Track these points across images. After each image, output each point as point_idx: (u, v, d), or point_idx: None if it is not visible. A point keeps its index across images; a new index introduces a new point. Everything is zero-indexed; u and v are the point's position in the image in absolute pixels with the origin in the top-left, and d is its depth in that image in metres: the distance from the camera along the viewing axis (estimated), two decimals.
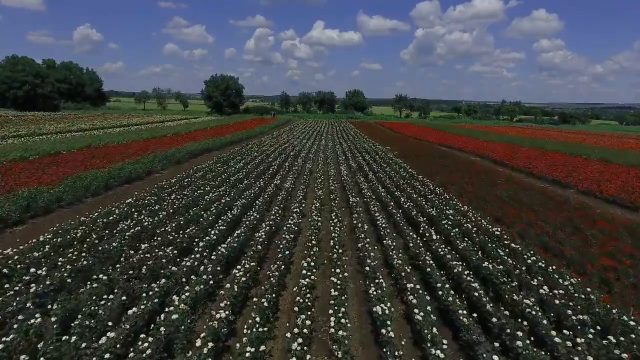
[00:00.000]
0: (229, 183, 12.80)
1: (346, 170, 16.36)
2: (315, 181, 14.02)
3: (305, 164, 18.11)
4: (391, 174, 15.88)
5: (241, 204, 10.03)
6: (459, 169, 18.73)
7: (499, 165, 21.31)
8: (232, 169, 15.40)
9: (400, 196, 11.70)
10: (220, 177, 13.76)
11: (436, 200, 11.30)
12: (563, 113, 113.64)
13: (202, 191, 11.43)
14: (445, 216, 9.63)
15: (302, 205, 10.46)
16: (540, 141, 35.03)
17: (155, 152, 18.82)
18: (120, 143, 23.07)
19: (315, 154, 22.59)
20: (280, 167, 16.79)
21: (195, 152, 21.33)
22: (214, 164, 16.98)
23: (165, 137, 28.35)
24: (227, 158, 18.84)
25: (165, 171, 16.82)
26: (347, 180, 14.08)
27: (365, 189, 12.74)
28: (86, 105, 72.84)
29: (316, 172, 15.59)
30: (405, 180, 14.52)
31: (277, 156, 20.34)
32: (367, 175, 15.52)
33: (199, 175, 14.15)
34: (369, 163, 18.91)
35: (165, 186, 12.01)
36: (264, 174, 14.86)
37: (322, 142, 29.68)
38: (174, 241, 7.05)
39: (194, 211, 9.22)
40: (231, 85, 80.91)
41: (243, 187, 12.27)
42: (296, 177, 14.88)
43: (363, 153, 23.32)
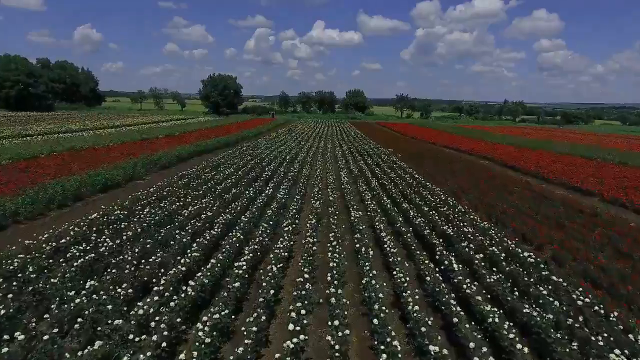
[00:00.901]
0: (214, 193, 11.35)
1: (347, 177, 14.92)
2: (312, 189, 12.57)
3: (302, 169, 16.67)
4: (396, 180, 14.44)
5: (224, 220, 8.58)
6: (469, 174, 17.29)
7: (510, 169, 19.87)
8: (221, 176, 13.96)
9: (409, 209, 10.25)
10: (207, 185, 12.31)
11: (450, 214, 9.85)
12: (566, 113, 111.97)
13: (182, 203, 9.99)
14: (464, 235, 8.18)
15: (296, 221, 9.02)
16: (549, 143, 33.57)
17: (141, 155, 17.41)
18: (106, 145, 21.65)
19: (313, 157, 21.15)
20: (274, 173, 15.35)
21: (185, 156, 19.89)
22: (203, 169, 15.54)
23: (156, 139, 26.96)
24: (218, 162, 17.39)
25: (149, 177, 15.38)
26: (348, 189, 12.62)
27: (368, 199, 11.30)
28: (81, 105, 71.40)
29: (314, 179, 14.16)
30: (412, 189, 13.07)
31: (272, 160, 18.89)
32: (369, 183, 14.07)
33: (182, 183, 12.70)
34: (371, 167, 17.47)
35: (142, 197, 10.56)
36: (256, 182, 13.42)
37: (321, 144, 28.24)
38: (129, 276, 5.60)
39: (167, 230, 7.78)
40: (229, 84, 79.36)
41: (230, 198, 10.81)
42: (291, 185, 13.44)
43: (364, 156, 21.90)
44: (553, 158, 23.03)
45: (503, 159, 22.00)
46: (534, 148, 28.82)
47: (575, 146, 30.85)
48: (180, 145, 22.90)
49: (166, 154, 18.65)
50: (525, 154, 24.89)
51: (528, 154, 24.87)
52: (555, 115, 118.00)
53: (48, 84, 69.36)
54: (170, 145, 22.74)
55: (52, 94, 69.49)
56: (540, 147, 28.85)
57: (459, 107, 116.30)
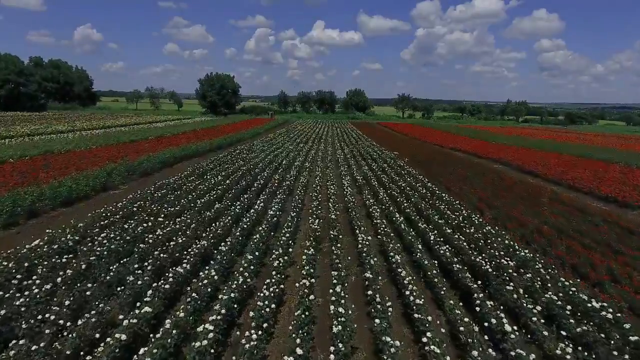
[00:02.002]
0: (194, 208, 9.55)
1: (350, 186, 13.12)
2: (310, 203, 10.79)
3: (300, 176, 14.87)
4: (407, 190, 12.65)
5: (199, 249, 6.79)
6: (485, 181, 15.49)
7: (528, 175, 18.07)
8: (206, 185, 12.15)
9: (427, 229, 8.45)
10: (187, 197, 10.51)
11: (479, 237, 8.05)
12: (570, 113, 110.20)
13: (152, 224, 8.19)
14: (502, 269, 6.39)
15: (290, 249, 7.22)
16: (563, 144, 31.78)
17: (121, 161, 15.61)
18: (87, 148, 19.86)
19: (312, 162, 19.33)
20: (267, 182, 13.56)
21: (171, 161, 18.05)
22: (187, 177, 13.74)
23: (145, 141, 25.20)
24: (206, 169, 15.58)
25: (125, 186, 13.58)
26: (352, 202, 10.82)
27: (377, 215, 9.50)
28: (75, 105, 69.51)
29: (313, 189, 12.38)
30: (426, 201, 11.27)
31: (267, 165, 17.09)
32: (376, 193, 12.27)
33: (159, 195, 10.90)
34: (377, 174, 15.67)
35: (105, 214, 8.76)
36: (246, 193, 11.62)
37: (321, 147, 26.42)
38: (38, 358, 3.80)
39: (121, 266, 5.99)
40: (227, 84, 77.38)
41: (211, 216, 9.02)
42: (287, 196, 11.65)
43: (368, 160, 20.09)
44: (571, 161, 21.25)
45: (519, 163, 20.19)
46: (547, 150, 27.10)
47: (589, 148, 29.07)
48: (169, 148, 21.08)
49: (150, 158, 16.82)
50: (541, 157, 23.11)
51: (544, 157, 23.08)
52: (557, 115, 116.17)
53: (41, 83, 67.55)
54: (158, 148, 20.95)
55: (44, 93, 67.65)
56: (553, 150, 27.09)
57: (461, 107, 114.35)
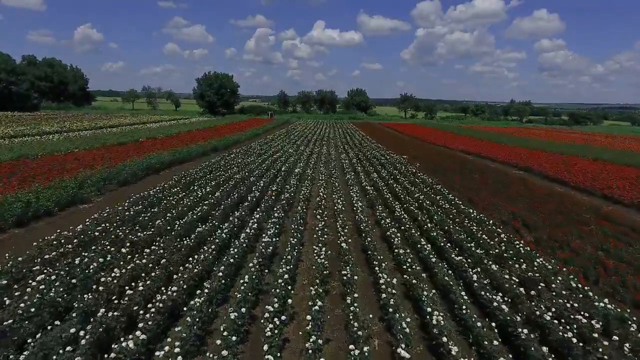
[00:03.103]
0: (170, 233, 7.69)
1: (360, 199, 11.23)
2: (314, 222, 8.95)
3: (301, 186, 13.02)
4: (425, 203, 10.79)
5: (164, 304, 4.94)
6: (510, 191, 13.63)
7: (557, 184, 16.23)
8: (191, 199, 10.28)
9: (465, 264, 6.59)
10: (165, 216, 8.65)
11: (535, 274, 6.19)
12: (574, 113, 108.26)
13: (110, 257, 6.33)
14: (586, 341, 4.55)
15: (288, 297, 5.35)
16: (581, 147, 29.91)
17: (101, 167, 13.78)
18: (68, 152, 18.03)
19: (315, 168, 17.45)
20: (263, 194, 11.71)
21: (157, 167, 16.16)
22: (170, 188, 11.86)
23: (134, 143, 23.41)
24: (195, 177, 13.71)
25: (100, 199, 11.73)
26: (365, 222, 8.95)
27: (396, 242, 7.64)
28: (69, 105, 67.61)
29: (316, 203, 10.54)
30: (452, 218, 9.41)
31: (265, 172, 15.25)
32: (392, 209, 10.42)
33: (132, 212, 9.02)
34: (389, 183, 13.81)
35: (55, 243, 6.91)
36: (237, 209, 9.77)
37: (324, 150, 24.54)
38: None
39: (41, 342, 4.13)
40: (225, 83, 75.36)
41: (190, 245, 7.15)
42: (285, 213, 9.80)
43: (376, 165, 18.23)
44: (596, 166, 19.40)
45: (543, 170, 18.32)
46: (564, 153, 25.25)
47: (608, 151, 27.21)
48: (158, 151, 19.23)
49: (133, 164, 14.97)
50: (564, 161, 21.28)
51: (566, 161, 21.24)
52: (559, 115, 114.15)
53: (34, 83, 65.68)
54: (146, 152, 19.14)
55: (38, 92, 65.77)
56: (574, 153, 25.23)
57: (464, 107, 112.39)
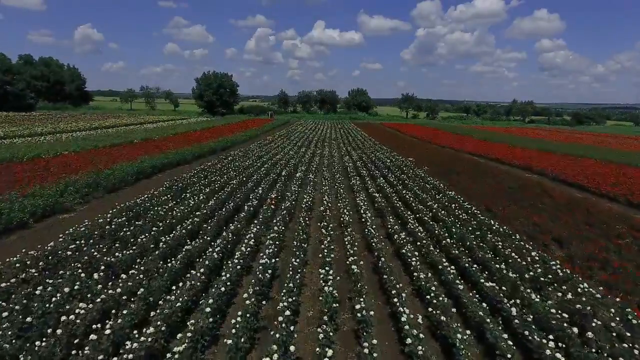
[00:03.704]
0: (152, 253, 6.65)
1: (368, 207, 10.19)
2: (318, 234, 7.93)
3: (303, 192, 11.99)
4: (440, 213, 9.76)
5: (133, 357, 3.91)
6: (530, 198, 12.60)
7: (575, 189, 15.20)
8: (182, 209, 9.24)
9: (500, 293, 5.57)
10: (150, 231, 7.63)
11: (583, 307, 5.17)
12: (577, 113, 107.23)
13: (80, 286, 5.31)
14: None
15: (289, 348, 4.32)
16: (591, 148, 28.88)
17: (87, 171, 12.78)
18: (55, 155, 17.04)
19: (317, 171, 16.41)
20: (262, 202, 10.69)
21: (149, 171, 15.10)
22: (160, 196, 10.82)
23: (128, 145, 22.47)
24: (188, 182, 12.68)
25: (83, 207, 10.71)
26: (375, 236, 7.92)
27: (414, 264, 6.61)
28: (66, 105, 66.56)
29: (320, 213, 9.52)
30: (471, 231, 8.38)
31: (264, 177, 14.23)
32: (404, 221, 9.38)
33: (114, 226, 7.99)
34: (398, 189, 12.78)
35: (16, 267, 5.89)
36: (232, 220, 8.74)
37: (326, 152, 23.52)
38: None
39: None
40: (224, 83, 74.31)
41: (174, 269, 6.12)
42: (285, 226, 8.78)
43: (382, 168, 17.19)
44: (609, 169, 18.38)
45: (558, 173, 17.29)
46: (574, 155, 24.30)
47: (619, 153, 26.20)
48: (151, 154, 18.22)
49: (123, 168, 13.93)
50: (575, 163, 20.27)
51: (578, 163, 20.23)
52: (560, 115, 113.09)
53: (30, 82, 64.69)
54: (140, 154, 18.17)
55: (34, 92, 64.74)
56: (582, 154, 24.30)
57: (466, 107, 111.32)
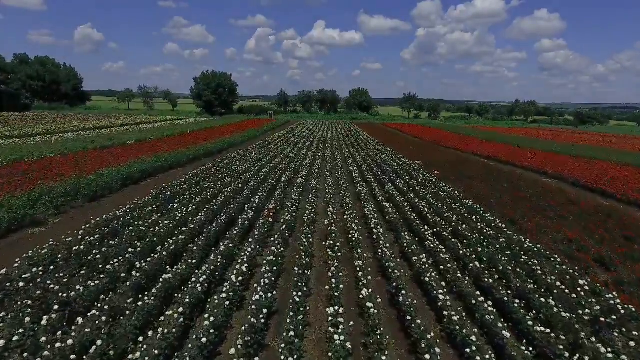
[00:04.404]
0: (124, 285, 5.47)
1: (378, 221, 9.02)
2: (322, 255, 6.75)
3: (304, 202, 10.81)
4: (460, 227, 8.58)
5: None
6: (557, 207, 11.39)
7: (598, 195, 14.04)
8: (166, 225, 8.06)
9: (554, 342, 4.39)
10: (126, 252, 6.45)
11: None
12: (580, 113, 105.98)
13: (20, 337, 4.12)
14: None
15: None
16: (602, 150, 27.69)
17: (66, 177, 11.61)
18: (40, 157, 15.92)
19: (319, 176, 15.22)
20: (258, 214, 9.51)
21: (137, 177, 13.91)
22: (145, 205, 9.63)
23: (121, 147, 21.31)
24: (178, 190, 11.50)
25: (57, 219, 9.53)
26: (390, 259, 6.74)
27: (442, 295, 5.43)
28: (62, 105, 65.37)
29: (324, 229, 8.35)
30: (502, 251, 7.19)
31: (261, 183, 13.06)
32: (421, 237, 8.19)
33: (85, 245, 6.81)
34: (409, 197, 11.60)
35: None
36: (224, 237, 7.56)
37: (328, 154, 22.33)
38: None
39: None
40: (223, 82, 73.04)
41: (147, 308, 4.93)
42: (284, 244, 7.60)
43: (390, 173, 15.99)
44: (628, 172, 17.21)
45: (577, 178, 16.11)
46: (591, 157, 23.17)
47: (633, 155, 25.02)
48: (143, 157, 17.05)
49: (109, 174, 12.74)
50: (590, 165, 19.14)
51: (593, 166, 19.10)
52: (562, 115, 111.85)
53: (26, 82, 63.60)
54: (130, 157, 17.05)
55: (30, 92, 63.60)
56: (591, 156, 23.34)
57: (469, 107, 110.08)
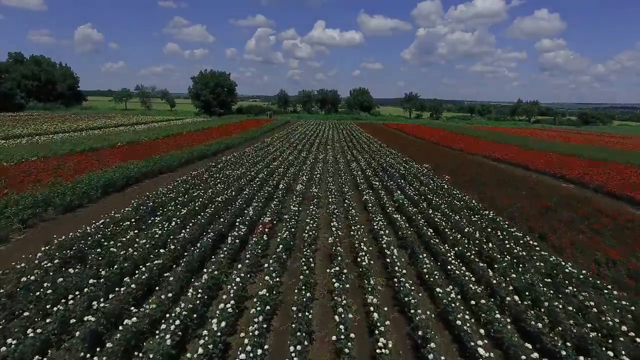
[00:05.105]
0: (73, 333, 4.26)
1: (390, 238, 7.81)
2: (325, 282, 5.55)
3: (304, 213, 9.59)
4: (482, 241, 7.36)
5: None
6: (588, 219, 10.17)
7: (626, 203, 12.82)
8: (141, 246, 6.85)
9: None
10: (90, 282, 5.23)
11: None
12: (584, 114, 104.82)
13: None
14: None
15: None
16: (615, 152, 26.51)
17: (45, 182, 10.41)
18: (20, 161, 14.87)
19: (320, 183, 13.96)
20: (250, 232, 8.30)
21: (120, 184, 12.64)
22: (123, 219, 8.41)
23: (111, 149, 20.20)
24: (163, 199, 10.27)
25: (22, 235, 8.31)
26: (407, 290, 5.53)
27: (482, 350, 4.22)
28: (57, 105, 64.10)
29: (328, 249, 7.16)
30: (539, 275, 5.97)
31: (255, 192, 11.84)
32: (442, 259, 6.98)
33: (42, 272, 5.60)
34: (421, 207, 10.38)
35: None
36: (211, 260, 6.35)
37: (329, 156, 21.09)
38: None
39: None
40: (222, 82, 71.74)
41: None
42: (281, 269, 6.39)
43: (397, 179, 14.76)
44: None
45: (600, 184, 14.91)
46: (597, 159, 22.27)
47: None
48: (130, 160, 15.88)
49: (88, 180, 11.51)
50: (607, 169, 17.96)
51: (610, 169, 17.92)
52: (564, 115, 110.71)
53: (21, 82, 62.35)
54: (120, 159, 16.02)
55: (24, 92, 62.36)
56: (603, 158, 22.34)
57: (471, 107, 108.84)
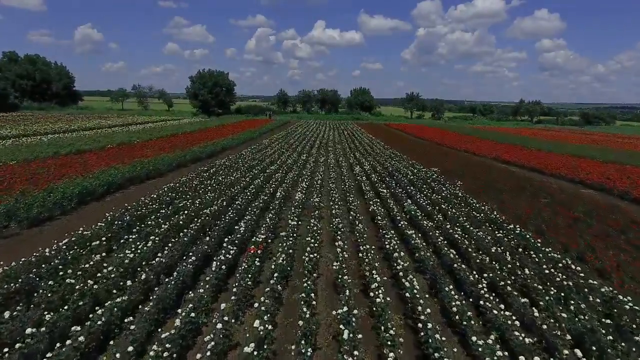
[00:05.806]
0: None
1: (405, 261, 6.65)
2: (331, 325, 4.38)
3: (304, 228, 8.42)
4: (515, 266, 6.20)
5: None
6: (625, 233, 9.04)
7: None
8: (112, 269, 5.69)
9: None
10: (32, 328, 4.07)
11: None
12: (586, 114, 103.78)
13: None
14: None
15: None
16: (625, 154, 25.39)
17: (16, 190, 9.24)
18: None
19: (321, 190, 12.76)
20: (240, 252, 7.13)
21: (100, 191, 11.46)
22: (92, 237, 7.23)
23: (100, 151, 19.18)
24: (140, 214, 9.05)
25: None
26: (431, 333, 4.37)
27: None
28: (52, 105, 62.92)
29: (332, 277, 6.02)
30: (592, 312, 4.82)
31: (252, 200, 10.67)
32: (469, 289, 5.81)
33: None
34: (435, 219, 9.22)
35: None
36: (192, 291, 5.18)
37: (331, 159, 19.91)
38: None
39: None
40: (220, 81, 70.53)
41: None
42: (276, 305, 5.23)
43: (406, 185, 13.57)
44: None
45: (625, 190, 13.78)
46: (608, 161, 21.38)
47: None
48: (116, 164, 14.75)
49: (63, 188, 10.33)
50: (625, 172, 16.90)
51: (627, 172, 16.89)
52: (566, 115, 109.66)
53: (15, 81, 61.19)
54: (107, 163, 14.95)
55: (19, 91, 61.21)
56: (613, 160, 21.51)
57: (472, 107, 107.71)
